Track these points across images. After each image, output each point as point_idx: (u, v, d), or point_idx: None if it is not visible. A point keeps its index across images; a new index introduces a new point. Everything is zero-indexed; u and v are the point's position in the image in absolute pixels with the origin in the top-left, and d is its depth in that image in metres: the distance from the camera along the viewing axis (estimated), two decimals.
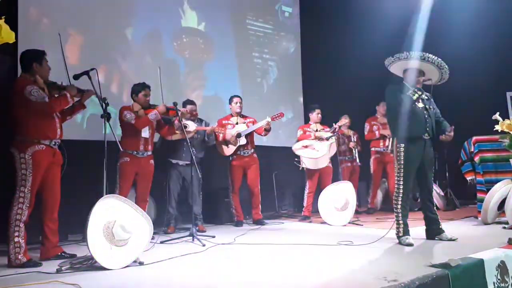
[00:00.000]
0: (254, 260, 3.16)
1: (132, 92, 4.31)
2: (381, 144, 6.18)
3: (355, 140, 6.04)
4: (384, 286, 2.21)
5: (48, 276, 2.77)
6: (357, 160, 6.00)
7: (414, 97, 3.57)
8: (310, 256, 3.23)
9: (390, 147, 6.16)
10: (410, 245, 3.44)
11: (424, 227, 3.77)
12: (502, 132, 4.59)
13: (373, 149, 6.29)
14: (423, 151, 3.61)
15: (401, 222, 3.57)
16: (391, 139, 6.11)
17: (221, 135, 5.15)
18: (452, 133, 3.71)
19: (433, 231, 3.69)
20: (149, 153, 4.26)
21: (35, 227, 3.78)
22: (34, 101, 3.11)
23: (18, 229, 3.07)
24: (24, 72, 3.26)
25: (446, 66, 3.64)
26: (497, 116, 4.43)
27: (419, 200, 5.77)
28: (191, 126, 4.72)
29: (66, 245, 4.00)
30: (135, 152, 4.14)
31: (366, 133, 6.32)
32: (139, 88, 4.27)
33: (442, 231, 3.68)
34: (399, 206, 3.57)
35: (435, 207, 3.76)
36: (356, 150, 6.00)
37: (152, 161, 4.28)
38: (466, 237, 3.82)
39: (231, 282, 2.52)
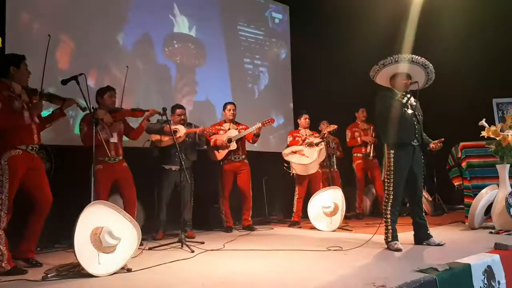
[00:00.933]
0: (244, 266, 3.14)
1: (97, 96, 4.15)
2: (363, 150, 6.27)
3: (334, 145, 6.06)
4: None
5: (34, 284, 2.73)
6: (334, 166, 6.02)
7: (404, 101, 3.56)
8: (299, 261, 3.24)
9: (372, 153, 6.25)
10: (399, 250, 3.46)
11: (413, 232, 3.79)
12: (488, 138, 4.67)
13: (355, 155, 6.35)
14: (413, 157, 3.64)
15: (390, 227, 3.59)
16: (372, 145, 6.24)
17: (212, 140, 5.15)
18: (440, 144, 3.71)
19: (421, 236, 3.71)
20: (121, 157, 4.14)
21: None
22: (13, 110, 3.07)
23: None
24: (2, 76, 3.20)
25: (431, 65, 3.64)
26: (483, 122, 4.50)
27: (407, 205, 5.86)
28: (181, 130, 4.70)
29: (53, 252, 3.96)
30: (107, 159, 4.03)
31: (348, 139, 6.37)
32: (104, 91, 4.16)
33: (430, 236, 3.71)
34: (388, 212, 3.59)
35: (423, 213, 3.79)
36: (334, 156, 6.03)
37: (125, 164, 4.17)
38: (453, 242, 3.85)
39: (215, 285, 2.50)
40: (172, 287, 2.61)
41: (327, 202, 5.05)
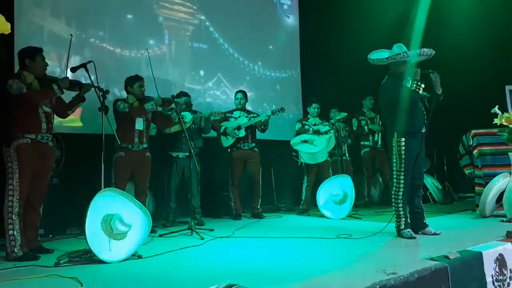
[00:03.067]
0: (253, 254, 3.16)
1: (127, 85, 4.24)
2: (370, 138, 6.22)
3: (345, 133, 6.02)
4: (383, 279, 2.21)
5: (47, 270, 2.75)
6: (346, 155, 5.98)
7: (420, 91, 3.50)
8: (309, 249, 3.24)
9: (379, 141, 6.19)
10: (413, 237, 3.44)
11: (409, 221, 3.68)
12: (501, 125, 4.60)
13: (362, 143, 6.31)
14: (420, 145, 3.61)
15: (402, 215, 3.55)
16: (380, 133, 6.17)
17: (222, 128, 5.14)
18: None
19: (418, 225, 3.65)
20: (145, 145, 4.20)
21: (55, 218, 3.91)
22: (14, 94, 3.09)
23: (11, 222, 3.05)
24: (20, 69, 3.25)
25: (433, 52, 3.56)
26: (496, 109, 4.43)
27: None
28: (188, 117, 4.69)
29: (64, 238, 4.01)
30: (130, 146, 4.09)
31: (354, 128, 6.32)
32: (134, 80, 4.21)
33: (426, 225, 3.68)
34: (399, 200, 3.55)
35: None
36: (346, 144, 5.99)
37: (148, 154, 4.24)
38: (464, 230, 3.84)
39: (230, 275, 2.51)
40: (182, 274, 2.63)
41: (336, 190, 5.04)
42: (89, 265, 2.86)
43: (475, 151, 4.93)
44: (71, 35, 3.48)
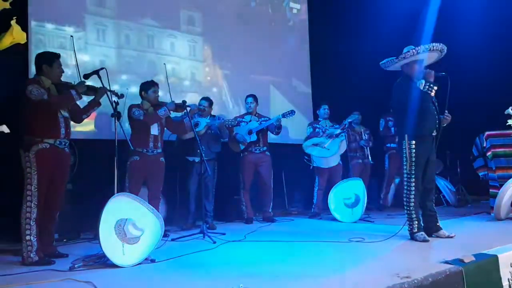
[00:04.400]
0: (266, 258, 3.16)
1: (141, 90, 4.32)
2: (396, 140, 6.12)
3: (366, 137, 5.97)
4: (396, 282, 2.19)
5: (61, 274, 2.78)
6: (369, 158, 5.93)
7: (432, 93, 3.44)
8: (321, 253, 3.23)
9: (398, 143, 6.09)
10: (426, 241, 3.41)
11: (422, 224, 3.66)
12: None
13: (388, 145, 6.23)
14: (431, 148, 3.59)
15: (414, 218, 3.52)
16: (398, 135, 6.06)
17: (234, 132, 5.18)
18: (449, 116, 3.61)
19: (431, 229, 3.62)
20: (159, 150, 4.26)
21: (69, 223, 3.97)
22: (34, 99, 3.13)
23: (29, 227, 3.08)
24: (36, 73, 3.32)
25: (445, 48, 3.52)
26: (510, 110, 4.38)
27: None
28: (201, 123, 4.73)
29: (78, 243, 4.06)
30: (145, 150, 4.14)
31: (381, 129, 6.26)
32: (148, 86, 4.29)
33: (440, 228, 3.64)
34: (411, 203, 3.52)
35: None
36: (368, 147, 5.94)
37: (162, 159, 4.29)
38: (479, 233, 3.79)
39: (242, 279, 2.52)
40: (194, 278, 2.64)
41: (348, 193, 5.01)
42: (103, 269, 2.89)
43: (489, 153, 4.87)
44: (71, 36, 3.50)
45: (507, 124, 4.39)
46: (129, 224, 3.01)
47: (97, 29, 5.05)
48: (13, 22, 2.23)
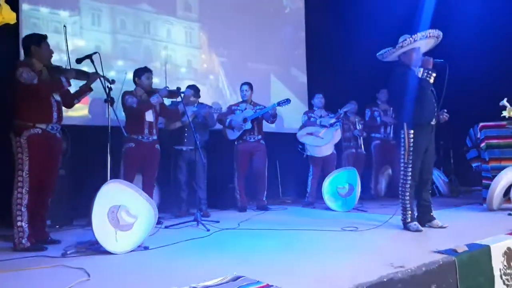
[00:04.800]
0: (259, 246, 3.16)
1: (135, 76, 4.27)
2: (382, 130, 6.17)
3: (360, 127, 5.97)
4: (390, 272, 2.20)
5: (53, 260, 2.77)
6: (362, 148, 5.94)
7: (431, 80, 3.39)
8: (314, 242, 3.23)
9: (391, 134, 6.14)
10: (419, 231, 3.42)
11: (416, 214, 3.67)
12: (509, 118, 4.56)
13: (373, 135, 6.27)
14: (430, 137, 3.57)
15: (408, 208, 3.52)
16: (392, 126, 6.11)
17: (227, 120, 5.13)
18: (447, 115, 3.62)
19: (425, 219, 3.64)
20: (155, 137, 4.23)
21: (62, 209, 3.94)
22: (23, 82, 3.06)
23: (20, 213, 3.05)
24: (25, 56, 3.24)
25: (441, 33, 3.49)
26: (504, 102, 4.38)
27: None
28: (188, 111, 4.66)
29: (71, 229, 4.03)
30: (140, 137, 4.11)
31: (367, 119, 6.28)
32: (142, 72, 4.24)
33: (433, 218, 3.64)
34: (406, 193, 3.51)
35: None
36: (361, 137, 5.95)
37: (157, 146, 4.27)
38: (471, 224, 3.82)
39: (235, 267, 2.52)
40: (188, 265, 2.63)
41: (342, 182, 5.02)
42: (95, 256, 2.87)
43: (482, 144, 4.88)
44: (64, 26, 3.43)
45: (502, 115, 4.38)
46: (122, 211, 2.98)
47: (92, 14, 4.97)
48: (2, 1, 2.16)
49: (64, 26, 3.45)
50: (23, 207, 3.06)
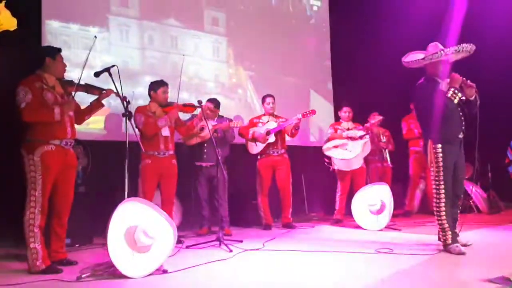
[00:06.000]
0: (285, 270, 2.92)
1: (150, 90, 4.11)
2: (421, 143, 5.82)
3: (385, 139, 5.67)
4: None
5: (68, 285, 2.62)
6: (388, 161, 5.62)
7: (455, 100, 3.28)
8: (346, 265, 2.97)
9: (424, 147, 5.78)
10: (462, 253, 3.14)
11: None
12: None
13: (412, 148, 5.93)
14: (458, 152, 3.40)
15: (447, 228, 3.26)
16: (423, 139, 5.75)
17: (250, 133, 4.95)
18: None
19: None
20: (171, 152, 4.07)
21: (82, 227, 3.83)
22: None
23: (33, 234, 2.91)
24: (38, 68, 3.11)
25: (474, 47, 3.27)
26: None
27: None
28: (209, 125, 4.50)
29: (90, 248, 3.90)
30: (157, 153, 3.97)
31: (404, 132, 5.97)
32: (158, 86, 4.08)
33: (457, 235, 3.38)
34: (442, 212, 3.27)
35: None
36: (387, 150, 5.64)
37: (174, 161, 4.11)
38: None
39: None
40: None
41: (373, 199, 4.72)
42: (111, 281, 2.70)
43: None
44: (95, 36, 3.33)
45: None
46: (139, 232, 2.81)
47: (121, 30, 4.98)
48: (1, 5, 2.04)
49: (95, 36, 3.36)
50: (35, 228, 2.92)
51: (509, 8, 6.13)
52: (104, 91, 3.28)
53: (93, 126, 4.54)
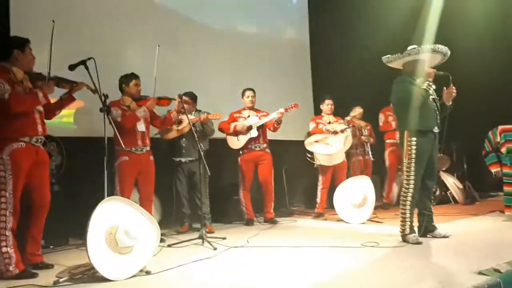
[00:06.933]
0: (272, 265, 2.86)
1: (122, 83, 3.93)
2: (397, 136, 5.86)
3: (367, 132, 5.69)
4: None
5: None
6: (370, 155, 5.64)
7: (430, 91, 3.44)
8: (336, 261, 2.91)
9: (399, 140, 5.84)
10: (419, 243, 3.28)
11: (417, 224, 3.56)
12: None
13: (388, 141, 5.97)
14: (432, 145, 3.48)
15: (407, 219, 3.41)
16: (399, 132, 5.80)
17: (232, 127, 4.84)
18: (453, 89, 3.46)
19: (427, 228, 3.54)
20: (148, 148, 3.93)
21: (56, 227, 3.59)
22: None
23: (4, 238, 2.73)
24: (4, 60, 2.90)
25: (449, 52, 3.47)
26: None
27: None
28: (186, 120, 4.36)
29: (65, 250, 3.72)
30: (134, 149, 3.82)
31: (381, 124, 5.99)
32: (129, 79, 3.91)
33: (435, 227, 3.55)
34: (408, 203, 3.41)
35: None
36: (368, 143, 5.65)
37: (151, 157, 3.98)
38: (502, 237, 3.52)
39: None
40: None
41: (355, 192, 4.72)
42: (92, 284, 2.57)
43: (503, 148, 4.59)
44: (53, 21, 3.06)
45: None
46: (121, 232, 2.68)
47: None
48: None
49: (53, 21, 3.08)
50: (7, 231, 2.74)
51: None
52: (76, 84, 3.10)
53: (66, 120, 4.31)
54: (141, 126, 3.84)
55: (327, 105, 5.42)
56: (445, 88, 3.47)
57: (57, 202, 3.69)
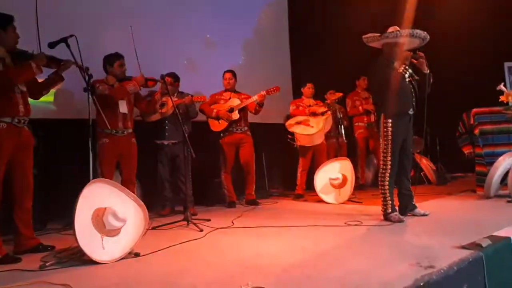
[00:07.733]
0: (262, 246, 2.88)
1: (106, 64, 3.82)
2: (365, 119, 6.02)
3: (341, 115, 5.78)
4: (423, 274, 1.98)
5: (31, 275, 2.40)
6: (343, 137, 5.74)
7: (406, 75, 3.54)
8: (323, 239, 2.97)
9: (375, 122, 5.98)
10: (401, 221, 3.39)
11: (398, 203, 3.65)
12: (502, 103, 4.47)
13: (356, 124, 6.12)
14: (408, 127, 3.58)
15: (388, 199, 3.49)
16: (376, 114, 5.94)
17: (214, 110, 4.80)
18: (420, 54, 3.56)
19: (407, 207, 3.64)
20: (130, 130, 3.85)
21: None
22: None
23: None
24: None
25: (428, 36, 3.53)
26: (501, 86, 4.28)
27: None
28: (170, 102, 4.29)
29: (44, 234, 3.62)
30: (114, 131, 3.73)
31: (348, 109, 6.13)
32: (114, 59, 3.80)
33: (415, 206, 3.65)
34: (386, 183, 3.50)
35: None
36: (342, 126, 5.75)
37: (134, 140, 3.89)
38: (476, 213, 3.69)
39: (241, 270, 2.25)
40: (188, 272, 2.33)
41: (334, 173, 4.81)
42: (80, 267, 2.52)
43: (476, 130, 4.77)
44: None
45: (500, 100, 4.27)
46: (109, 214, 2.63)
47: None
48: None
49: None
50: None
51: None
52: (63, 63, 2.99)
53: (44, 99, 4.14)
54: (123, 108, 3.73)
55: (308, 89, 5.45)
56: (413, 60, 3.54)
57: (34, 186, 3.60)
